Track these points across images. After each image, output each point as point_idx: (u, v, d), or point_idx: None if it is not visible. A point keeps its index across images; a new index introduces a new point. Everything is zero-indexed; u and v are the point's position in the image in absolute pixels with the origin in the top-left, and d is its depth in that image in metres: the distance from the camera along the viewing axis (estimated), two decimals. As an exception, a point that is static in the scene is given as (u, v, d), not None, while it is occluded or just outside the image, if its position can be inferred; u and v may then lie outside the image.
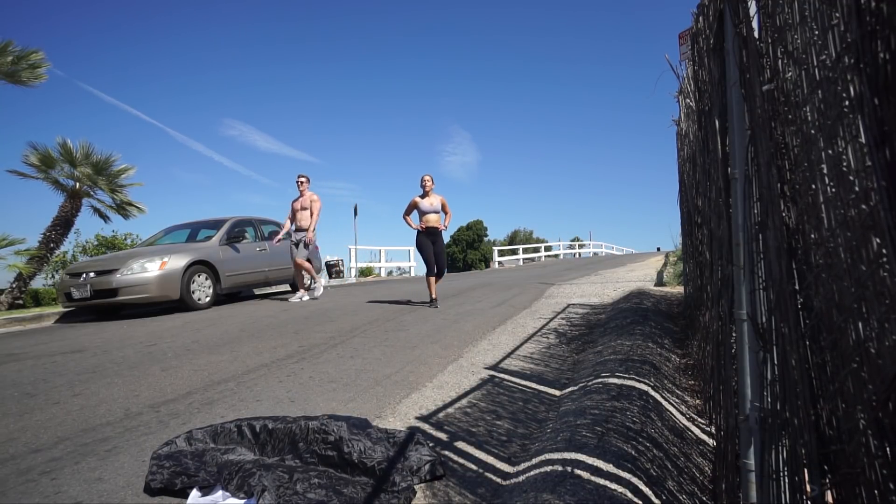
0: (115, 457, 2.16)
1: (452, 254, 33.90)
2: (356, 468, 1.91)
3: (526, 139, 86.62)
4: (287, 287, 9.47)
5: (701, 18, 2.18)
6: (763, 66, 1.25)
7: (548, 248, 27.01)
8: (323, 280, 7.96)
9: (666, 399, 2.82)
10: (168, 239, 8.22)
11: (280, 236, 7.82)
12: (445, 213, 6.63)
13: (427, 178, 6.47)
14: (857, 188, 0.82)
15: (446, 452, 2.17)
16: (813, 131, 1.00)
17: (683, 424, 2.61)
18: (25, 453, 2.23)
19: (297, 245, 7.51)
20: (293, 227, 7.64)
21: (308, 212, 7.51)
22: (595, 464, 1.88)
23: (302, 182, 7.66)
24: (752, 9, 1.32)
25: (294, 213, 7.61)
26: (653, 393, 2.79)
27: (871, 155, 0.75)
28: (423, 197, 6.53)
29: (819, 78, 0.95)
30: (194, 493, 1.79)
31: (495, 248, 23.12)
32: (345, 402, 2.79)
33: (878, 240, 0.76)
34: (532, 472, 1.91)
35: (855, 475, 0.90)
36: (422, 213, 6.50)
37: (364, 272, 16.39)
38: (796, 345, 1.08)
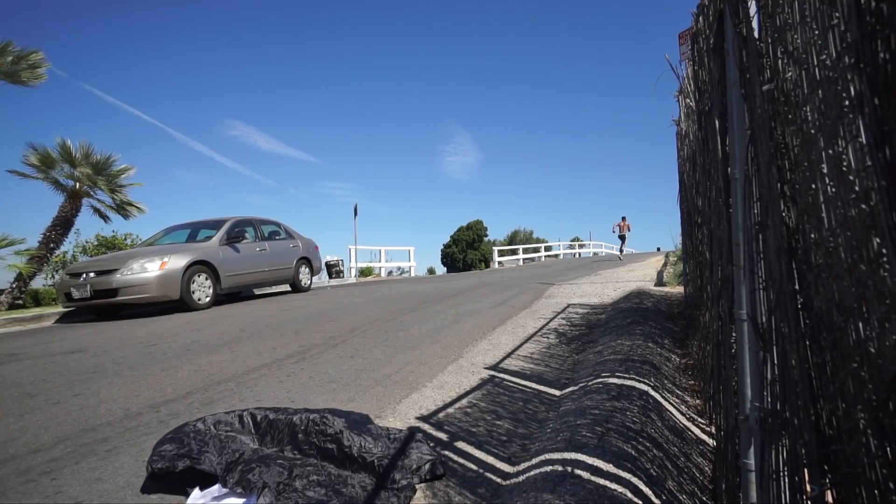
0: (115, 457, 2.16)
1: (452, 254, 33.83)
2: (355, 462, 1.91)
3: (526, 139, 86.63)
4: (287, 287, 9.48)
5: (701, 18, 2.18)
6: (763, 66, 1.25)
7: (548, 248, 27.03)
8: None
9: (666, 399, 2.82)
10: (168, 239, 8.22)
11: None
12: None
13: None
14: (857, 188, 0.82)
15: (446, 452, 2.17)
16: (813, 131, 1.00)
17: (683, 424, 2.61)
18: (25, 453, 2.23)
19: None
20: None
21: None
22: (595, 464, 1.88)
23: None
24: (752, 9, 1.32)
25: None
26: (653, 393, 2.79)
27: (871, 155, 0.75)
28: None
29: (819, 78, 0.95)
30: (195, 492, 1.79)
31: (495, 248, 23.13)
32: (345, 402, 2.79)
33: (878, 239, 0.76)
34: (532, 472, 1.91)
35: (855, 475, 0.90)
36: None
37: (364, 272, 16.39)
38: (796, 345, 1.08)
